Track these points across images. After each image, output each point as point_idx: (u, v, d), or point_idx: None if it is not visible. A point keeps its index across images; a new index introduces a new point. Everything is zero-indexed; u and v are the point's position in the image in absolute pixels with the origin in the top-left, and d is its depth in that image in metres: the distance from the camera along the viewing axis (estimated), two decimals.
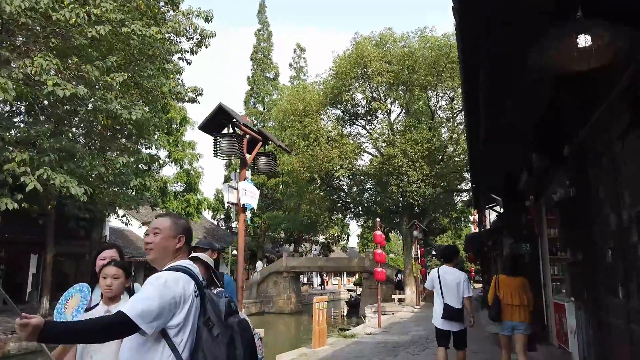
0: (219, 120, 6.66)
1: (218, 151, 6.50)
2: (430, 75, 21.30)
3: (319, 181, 24.18)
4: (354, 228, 59.69)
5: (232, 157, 6.77)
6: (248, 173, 7.15)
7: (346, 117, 25.89)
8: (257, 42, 38.43)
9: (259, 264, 35.27)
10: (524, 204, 9.29)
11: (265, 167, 7.54)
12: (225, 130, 6.63)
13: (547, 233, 8.70)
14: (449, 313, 5.79)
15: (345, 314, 33.96)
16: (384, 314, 24.23)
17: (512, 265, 6.25)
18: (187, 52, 14.36)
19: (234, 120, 6.52)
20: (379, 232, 14.82)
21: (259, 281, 32.55)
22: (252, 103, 37.31)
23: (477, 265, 36.40)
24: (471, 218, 33.46)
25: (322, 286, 55.00)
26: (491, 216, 19.27)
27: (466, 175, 24.34)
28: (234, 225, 38.92)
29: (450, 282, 5.90)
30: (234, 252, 31.57)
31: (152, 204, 20.51)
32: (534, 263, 9.17)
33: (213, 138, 6.57)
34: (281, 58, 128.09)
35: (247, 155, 7.31)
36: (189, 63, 14.71)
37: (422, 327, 14.50)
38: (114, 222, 26.51)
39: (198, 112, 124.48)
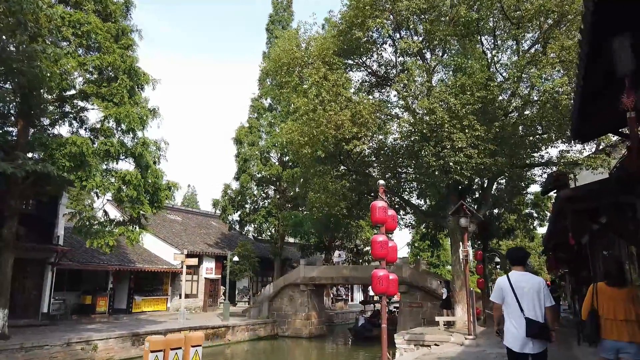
0: None
1: None
2: None
3: (324, 157, 17.40)
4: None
5: None
6: None
7: (369, 79, 19.15)
8: (273, 11, 32.48)
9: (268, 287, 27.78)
10: None
11: None
12: None
13: None
14: (534, 329, 4.50)
15: (350, 342, 24.91)
16: (422, 345, 16.88)
17: (618, 272, 4.98)
18: None
19: None
20: (380, 204, 7.88)
21: (272, 296, 25.98)
22: (268, 82, 31.25)
23: (558, 277, 27.57)
24: (549, 214, 25.03)
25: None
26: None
27: (540, 145, 16.57)
28: (251, 228, 32.72)
29: (529, 291, 4.66)
30: (235, 258, 25.30)
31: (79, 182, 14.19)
32: None
33: None
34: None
35: None
36: None
37: None
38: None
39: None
